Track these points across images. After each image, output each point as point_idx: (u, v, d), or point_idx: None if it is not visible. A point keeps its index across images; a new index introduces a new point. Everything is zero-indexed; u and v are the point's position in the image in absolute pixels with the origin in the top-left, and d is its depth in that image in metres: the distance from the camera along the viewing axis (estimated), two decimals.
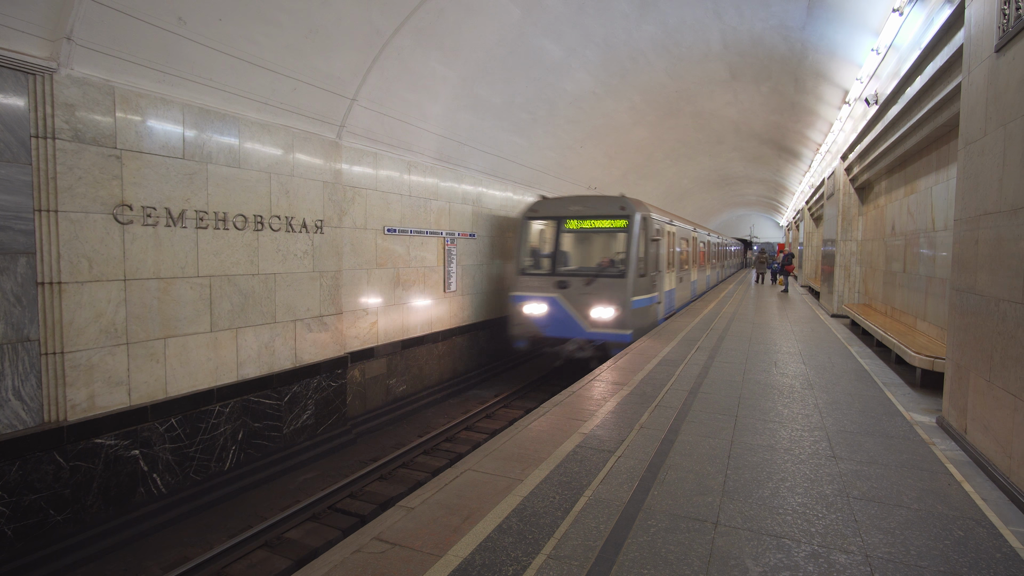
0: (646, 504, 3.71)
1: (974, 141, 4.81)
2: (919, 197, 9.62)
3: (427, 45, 8.75)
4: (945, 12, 5.90)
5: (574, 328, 10.71)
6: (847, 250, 14.46)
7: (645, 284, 11.13)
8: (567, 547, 3.16)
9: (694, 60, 12.21)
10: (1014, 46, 4.04)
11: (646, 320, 11.42)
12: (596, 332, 10.52)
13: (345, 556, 3.07)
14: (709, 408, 5.94)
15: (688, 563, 3.02)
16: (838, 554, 3.12)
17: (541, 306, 11.02)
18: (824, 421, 5.55)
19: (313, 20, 6.98)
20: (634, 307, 10.50)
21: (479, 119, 11.38)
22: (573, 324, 10.72)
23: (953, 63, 6.16)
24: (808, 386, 6.94)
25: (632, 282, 10.46)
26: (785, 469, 4.34)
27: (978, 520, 3.55)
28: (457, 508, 3.63)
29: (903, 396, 6.59)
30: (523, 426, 5.30)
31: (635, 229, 10.82)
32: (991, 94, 4.46)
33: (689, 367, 7.94)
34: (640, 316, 10.94)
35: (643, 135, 17.44)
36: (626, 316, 10.35)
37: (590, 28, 10.28)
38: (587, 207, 11.44)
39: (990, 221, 4.39)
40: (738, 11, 9.84)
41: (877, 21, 8.52)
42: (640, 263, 10.84)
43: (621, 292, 10.45)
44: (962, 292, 4.96)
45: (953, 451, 4.79)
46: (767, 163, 25.07)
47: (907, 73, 7.44)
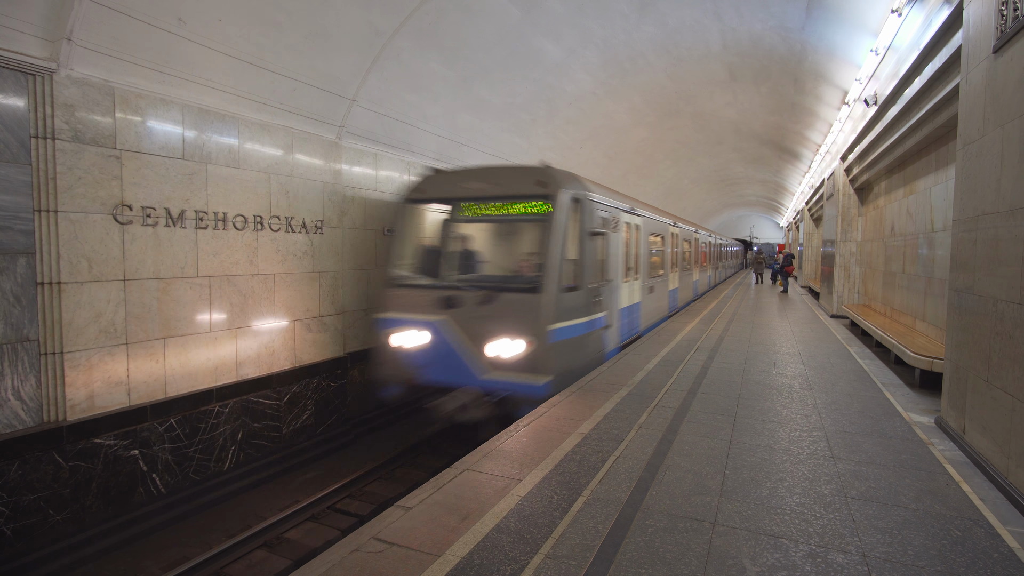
0: (644, 504, 3.71)
1: (972, 142, 4.82)
2: (918, 198, 9.63)
3: (427, 46, 8.76)
4: (944, 13, 5.91)
5: (462, 371, 6.91)
6: (847, 251, 14.47)
7: (578, 302, 7.33)
8: (565, 546, 3.17)
9: (693, 61, 12.23)
10: (1012, 47, 4.05)
11: (579, 357, 7.52)
12: (494, 379, 6.75)
13: (343, 556, 3.07)
14: (708, 408, 5.94)
15: (686, 563, 3.02)
16: (836, 554, 3.13)
17: (418, 335, 7.20)
18: (823, 421, 5.55)
19: (313, 21, 6.99)
20: (555, 339, 6.74)
21: (479, 120, 11.40)
22: (461, 365, 6.92)
23: (952, 64, 6.17)
24: (807, 386, 6.95)
25: (553, 299, 6.70)
26: (783, 469, 4.35)
27: (976, 520, 3.55)
28: (455, 508, 3.64)
29: (902, 396, 6.59)
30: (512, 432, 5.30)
31: (560, 217, 6.98)
32: (989, 95, 4.47)
33: (688, 367, 7.95)
34: (568, 352, 7.10)
35: (643, 136, 17.45)
36: (540, 353, 6.57)
37: (590, 29, 10.30)
38: (492, 183, 7.61)
39: (988, 222, 4.40)
40: (737, 12, 9.86)
41: (876, 22, 8.53)
42: (568, 269, 7.11)
43: (532, 315, 6.63)
44: (960, 292, 4.97)
45: (951, 451, 4.80)
46: (767, 164, 25.09)
47: (906, 74, 7.44)
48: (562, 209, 7.03)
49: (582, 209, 7.52)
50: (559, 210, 6.98)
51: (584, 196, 7.63)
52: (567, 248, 7.08)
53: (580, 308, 7.42)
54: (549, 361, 6.59)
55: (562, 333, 6.88)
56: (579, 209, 7.48)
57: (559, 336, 6.80)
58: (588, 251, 7.61)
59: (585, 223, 7.52)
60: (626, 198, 10.57)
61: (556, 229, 6.90)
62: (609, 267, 8.71)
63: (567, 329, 7.01)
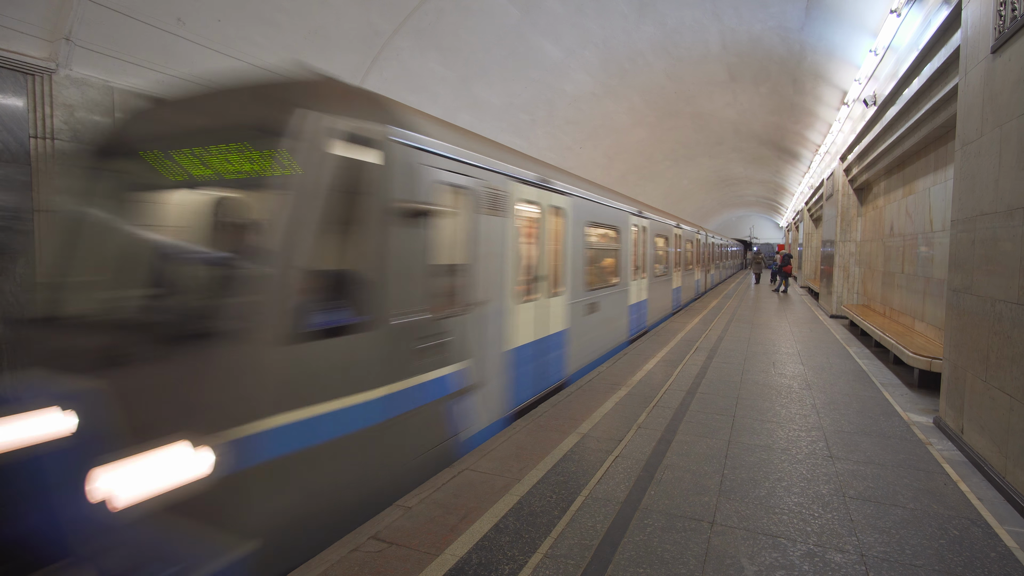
0: (643, 503, 3.72)
1: (971, 142, 4.83)
2: (917, 198, 9.64)
3: (426, 46, 8.77)
4: (942, 13, 5.92)
5: (62, 527, 3.12)
6: (846, 251, 14.47)
7: (360, 355, 3.55)
8: (563, 546, 3.17)
9: (693, 61, 12.24)
10: (1010, 47, 4.05)
11: (364, 475, 3.63)
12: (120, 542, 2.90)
13: (342, 555, 3.08)
14: (707, 408, 5.95)
15: (684, 562, 3.02)
16: (834, 553, 3.13)
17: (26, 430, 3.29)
18: (821, 421, 5.56)
19: (312, 21, 6.99)
20: (270, 450, 2.95)
21: (478, 120, 11.40)
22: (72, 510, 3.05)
23: (950, 64, 6.18)
24: (806, 386, 6.95)
25: (266, 357, 2.97)
26: (782, 469, 4.35)
27: (974, 520, 3.56)
28: (454, 507, 3.64)
29: (900, 396, 6.60)
30: (519, 428, 5.30)
31: (308, 176, 3.20)
32: (987, 95, 4.48)
33: (687, 367, 7.95)
34: (314, 477, 3.22)
35: (642, 136, 17.46)
36: (220, 489, 2.78)
37: (589, 29, 10.30)
38: (199, 116, 3.78)
39: (986, 222, 4.40)
40: (736, 12, 9.86)
41: (875, 22, 8.54)
42: (330, 286, 3.46)
43: (208, 395, 2.93)
44: (959, 292, 4.98)
45: (950, 451, 4.80)
46: (766, 164, 25.10)
47: (905, 74, 7.45)
48: (313, 157, 3.24)
49: (391, 163, 3.79)
50: (304, 160, 3.21)
51: (388, 136, 3.79)
52: (327, 241, 3.36)
53: (365, 369, 3.58)
54: (242, 507, 2.87)
55: (294, 435, 3.07)
56: (375, 164, 3.66)
57: (281, 443, 3.00)
58: (398, 248, 3.84)
59: (392, 189, 3.78)
60: (539, 165, 6.53)
61: (294, 200, 3.16)
62: (488, 276, 5.14)
63: (316, 424, 3.20)
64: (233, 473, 2.78)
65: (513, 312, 5.65)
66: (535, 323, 6.24)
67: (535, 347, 6.25)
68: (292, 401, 3.08)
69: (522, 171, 5.93)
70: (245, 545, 2.80)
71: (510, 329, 5.60)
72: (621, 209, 9.85)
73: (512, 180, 5.65)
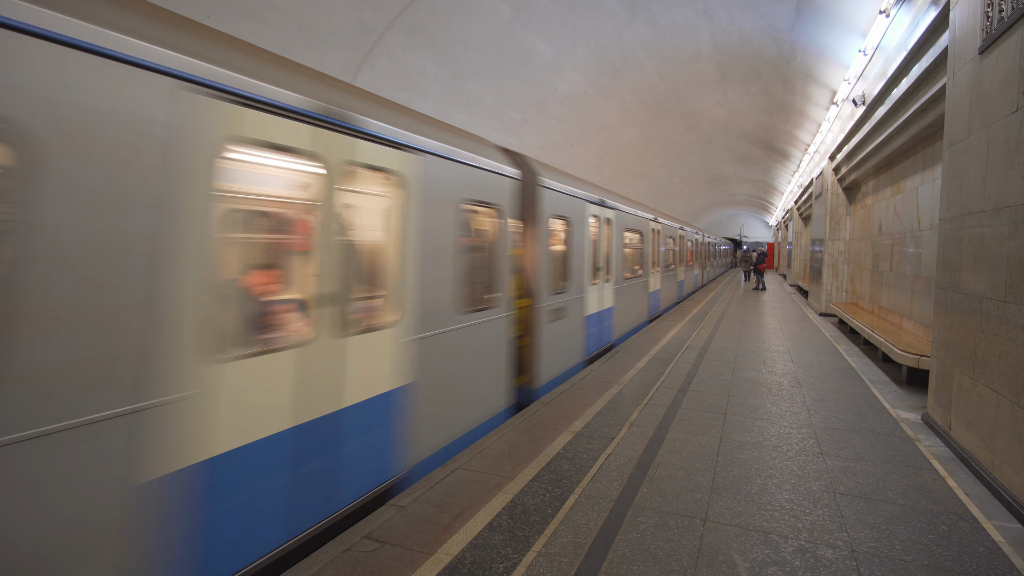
0: (636, 501, 3.73)
1: (958, 142, 4.88)
2: (905, 197, 9.74)
3: (418, 43, 8.74)
4: (930, 14, 5.98)
5: None
6: (835, 249, 14.59)
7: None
8: (557, 544, 3.18)
9: (684, 60, 12.28)
10: (997, 48, 4.10)
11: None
12: None
13: (335, 555, 3.07)
14: (699, 406, 5.98)
15: (677, 559, 3.04)
16: (825, 549, 3.16)
17: None
18: (812, 418, 5.60)
19: (303, 18, 6.95)
20: None
21: (470, 118, 11.38)
22: None
23: (938, 65, 6.24)
24: (796, 384, 7.01)
25: None
26: (773, 466, 4.38)
27: (962, 515, 3.60)
28: (448, 506, 3.64)
29: (889, 393, 6.66)
30: (512, 426, 5.31)
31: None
32: (975, 95, 4.53)
33: (679, 365, 7.99)
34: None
35: (634, 135, 17.50)
36: None
37: (581, 28, 10.31)
38: None
39: (974, 220, 4.46)
40: (727, 12, 9.91)
41: (864, 23, 8.62)
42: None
43: None
44: (947, 290, 5.03)
45: (938, 447, 4.86)
46: (757, 163, 25.26)
47: (894, 74, 7.52)
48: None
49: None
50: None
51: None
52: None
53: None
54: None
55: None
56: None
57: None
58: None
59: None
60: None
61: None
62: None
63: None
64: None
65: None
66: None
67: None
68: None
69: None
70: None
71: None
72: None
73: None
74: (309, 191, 3.35)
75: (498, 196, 5.50)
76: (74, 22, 2.08)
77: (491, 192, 5.34)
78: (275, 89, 2.95)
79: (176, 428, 2.45)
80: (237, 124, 2.72)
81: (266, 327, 3.22)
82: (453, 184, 4.69)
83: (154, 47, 2.34)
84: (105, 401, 2.19)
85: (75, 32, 2.08)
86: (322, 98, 3.30)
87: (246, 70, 2.81)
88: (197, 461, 2.54)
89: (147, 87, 2.31)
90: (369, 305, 3.92)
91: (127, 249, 2.25)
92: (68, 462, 2.08)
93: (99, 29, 2.16)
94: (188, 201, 2.48)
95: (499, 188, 5.53)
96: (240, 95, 2.72)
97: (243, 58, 2.86)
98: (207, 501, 2.59)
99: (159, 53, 2.35)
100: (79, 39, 2.09)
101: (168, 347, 2.41)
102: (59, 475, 2.05)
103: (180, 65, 2.44)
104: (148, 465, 2.34)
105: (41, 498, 2.00)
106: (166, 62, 2.38)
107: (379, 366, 3.78)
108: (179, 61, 2.44)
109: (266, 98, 2.87)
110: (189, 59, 2.49)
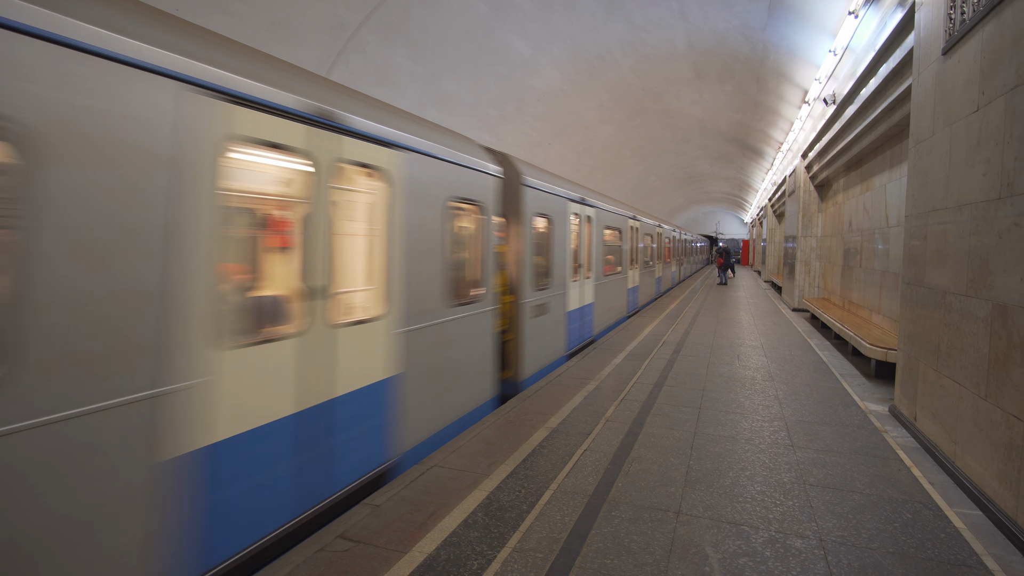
0: (610, 496, 3.76)
1: (923, 140, 5.00)
2: (874, 194, 9.96)
3: (393, 39, 8.66)
4: (897, 15, 6.11)
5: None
6: (807, 246, 14.87)
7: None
8: (532, 539, 3.19)
9: (660, 59, 12.38)
10: (959, 49, 4.21)
11: None
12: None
13: (308, 555, 3.03)
14: (673, 401, 6.04)
15: (650, 552, 3.07)
16: (794, 539, 3.22)
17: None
18: (783, 411, 5.71)
19: (276, 12, 6.84)
20: None
21: (447, 115, 11.32)
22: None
23: (904, 65, 6.39)
24: (769, 378, 7.13)
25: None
26: (745, 459, 4.45)
27: (925, 503, 3.71)
28: (423, 504, 3.62)
29: (858, 386, 6.82)
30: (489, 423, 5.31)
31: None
32: (939, 95, 4.64)
33: (655, 361, 8.07)
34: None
35: (611, 132, 17.60)
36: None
37: (558, 25, 10.33)
38: None
39: (938, 217, 4.57)
40: (702, 11, 10.01)
41: (834, 23, 8.78)
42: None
43: None
44: (912, 285, 5.16)
45: (904, 438, 4.98)
46: (732, 161, 25.61)
47: (862, 74, 7.68)
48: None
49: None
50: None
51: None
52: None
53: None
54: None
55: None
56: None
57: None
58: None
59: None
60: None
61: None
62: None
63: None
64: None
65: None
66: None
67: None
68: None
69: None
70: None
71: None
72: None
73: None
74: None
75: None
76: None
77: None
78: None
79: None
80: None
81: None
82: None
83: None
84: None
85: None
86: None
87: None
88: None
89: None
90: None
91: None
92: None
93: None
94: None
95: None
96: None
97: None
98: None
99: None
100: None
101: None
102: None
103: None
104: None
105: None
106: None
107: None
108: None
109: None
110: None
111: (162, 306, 2.45)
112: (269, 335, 3.14)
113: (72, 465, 2.11)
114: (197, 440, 2.61)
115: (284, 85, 3.16)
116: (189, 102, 2.55)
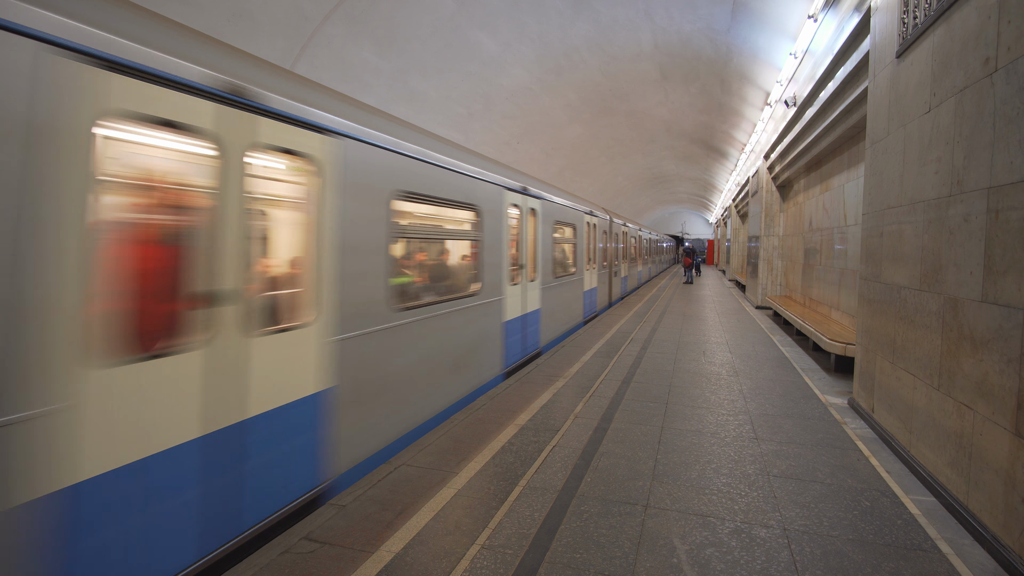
0: (579, 491, 3.77)
1: (879, 141, 5.16)
2: (833, 194, 10.25)
3: (359, 34, 8.53)
4: (854, 20, 6.30)
5: None
6: (769, 245, 15.23)
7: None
8: (501, 536, 3.17)
9: (627, 59, 12.51)
10: (912, 52, 4.36)
11: None
12: None
13: (272, 558, 2.95)
14: (641, 396, 6.10)
15: (619, 545, 3.08)
16: (759, 529, 3.28)
17: None
18: (748, 405, 5.82)
19: (237, 3, 6.66)
20: None
21: (414, 112, 11.22)
22: None
23: (861, 68, 6.59)
24: (734, 373, 7.26)
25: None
26: (711, 452, 4.52)
27: (883, 491, 3.82)
28: (391, 503, 3.57)
29: (819, 380, 7.00)
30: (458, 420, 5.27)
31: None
32: (893, 97, 4.80)
33: (623, 358, 8.14)
34: None
35: (579, 132, 17.72)
36: None
37: (525, 23, 10.33)
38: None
39: (892, 215, 4.73)
40: (667, 12, 10.15)
41: (795, 27, 9.00)
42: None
43: None
44: (869, 281, 5.32)
45: (862, 429, 5.14)
46: (697, 162, 26.07)
47: (821, 77, 7.89)
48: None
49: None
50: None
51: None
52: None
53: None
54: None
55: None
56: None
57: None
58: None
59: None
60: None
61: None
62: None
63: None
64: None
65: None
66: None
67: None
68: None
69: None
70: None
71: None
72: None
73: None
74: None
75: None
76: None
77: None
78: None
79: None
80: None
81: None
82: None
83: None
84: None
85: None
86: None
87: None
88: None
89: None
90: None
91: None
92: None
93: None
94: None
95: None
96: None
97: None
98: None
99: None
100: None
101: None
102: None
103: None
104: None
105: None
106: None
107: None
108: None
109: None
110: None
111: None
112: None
113: None
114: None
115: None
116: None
